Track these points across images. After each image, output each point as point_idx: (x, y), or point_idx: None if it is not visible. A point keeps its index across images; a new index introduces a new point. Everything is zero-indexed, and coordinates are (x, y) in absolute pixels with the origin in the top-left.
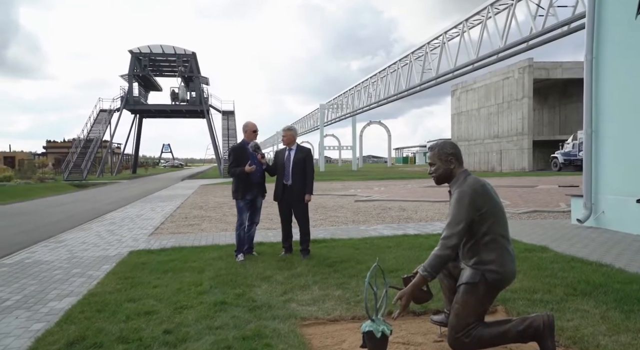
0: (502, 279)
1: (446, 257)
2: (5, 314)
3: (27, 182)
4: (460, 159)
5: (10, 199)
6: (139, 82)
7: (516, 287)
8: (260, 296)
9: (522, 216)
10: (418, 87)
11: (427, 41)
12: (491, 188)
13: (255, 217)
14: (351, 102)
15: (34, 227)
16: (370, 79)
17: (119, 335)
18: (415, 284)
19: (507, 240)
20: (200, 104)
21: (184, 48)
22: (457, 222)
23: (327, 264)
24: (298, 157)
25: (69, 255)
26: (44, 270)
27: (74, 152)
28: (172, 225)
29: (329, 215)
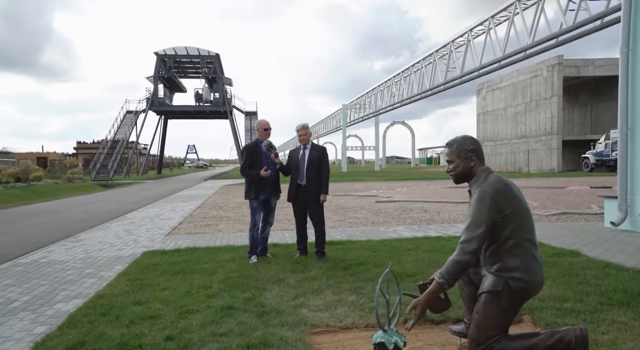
0: (528, 287)
1: (465, 262)
2: (11, 315)
3: (56, 182)
4: (481, 155)
5: (39, 198)
6: (164, 84)
7: (544, 295)
8: (270, 300)
9: (551, 218)
10: (442, 86)
11: (452, 39)
12: (515, 187)
13: (269, 218)
14: (374, 102)
15: (54, 226)
16: (393, 78)
17: (119, 341)
18: (430, 292)
19: (533, 245)
20: (224, 104)
21: (207, 50)
22: (477, 225)
23: (343, 266)
24: (313, 156)
25: (84, 255)
26: (57, 270)
27: (101, 153)
28: (190, 226)
29: (348, 216)
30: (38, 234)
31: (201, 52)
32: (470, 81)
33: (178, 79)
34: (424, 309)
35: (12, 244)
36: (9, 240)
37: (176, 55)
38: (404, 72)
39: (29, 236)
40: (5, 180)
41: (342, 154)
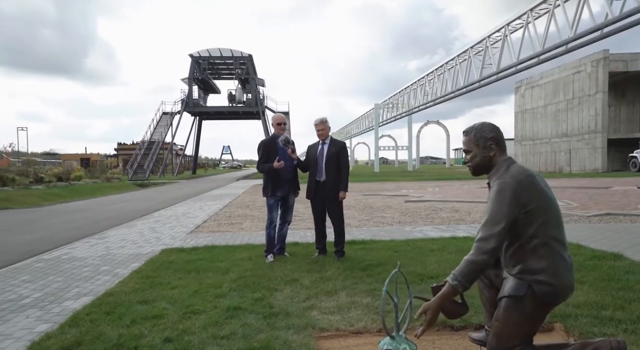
0: (555, 292)
1: (481, 263)
2: (18, 312)
3: (95, 181)
4: (502, 144)
5: (77, 196)
6: (198, 85)
7: (580, 300)
8: (280, 301)
9: (592, 219)
10: (477, 84)
11: (488, 35)
12: (541, 180)
13: (287, 216)
14: (407, 101)
15: (84, 224)
16: (426, 76)
17: (116, 342)
18: (443, 295)
19: (561, 244)
20: (256, 105)
21: (240, 51)
22: (495, 221)
23: (361, 267)
24: (332, 151)
25: (105, 252)
26: (75, 267)
27: (137, 154)
28: (214, 224)
29: (374, 215)
30: (66, 231)
31: (234, 53)
32: (508, 78)
33: (212, 81)
34: (436, 314)
35: (40, 241)
36: (38, 237)
37: (210, 56)
38: (438, 70)
39: (58, 233)
40: (49, 180)
41: (374, 154)
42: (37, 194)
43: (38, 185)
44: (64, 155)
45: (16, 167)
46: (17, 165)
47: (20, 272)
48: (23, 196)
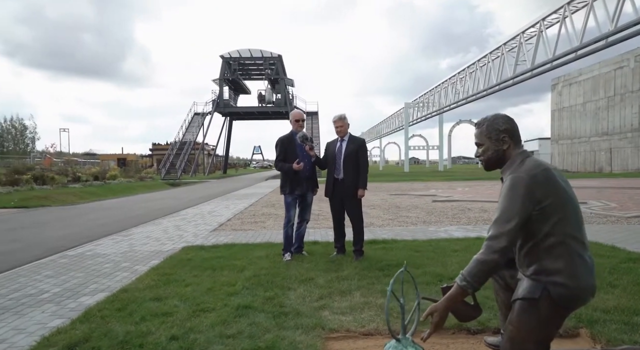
0: (573, 295)
1: (491, 263)
2: (36, 307)
3: (129, 180)
4: (516, 136)
5: (111, 195)
6: (229, 86)
7: (610, 305)
8: (292, 301)
9: (631, 220)
10: (511, 81)
11: (522, 30)
12: (559, 175)
13: (305, 214)
14: (437, 100)
15: (113, 221)
16: (458, 74)
17: (122, 339)
18: (451, 296)
19: (580, 244)
20: (285, 105)
21: (270, 51)
22: (507, 218)
23: (379, 267)
24: (350, 148)
25: (127, 249)
26: (97, 263)
27: (170, 154)
28: (237, 222)
29: (399, 215)
30: (95, 228)
31: (264, 53)
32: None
33: (242, 81)
34: (443, 316)
35: (68, 237)
36: (68, 233)
37: (240, 57)
38: (470, 68)
39: (87, 230)
40: (86, 179)
41: (404, 153)
42: (74, 193)
43: (75, 184)
44: (102, 155)
45: (58, 166)
46: (60, 165)
47: (45, 267)
48: (60, 194)
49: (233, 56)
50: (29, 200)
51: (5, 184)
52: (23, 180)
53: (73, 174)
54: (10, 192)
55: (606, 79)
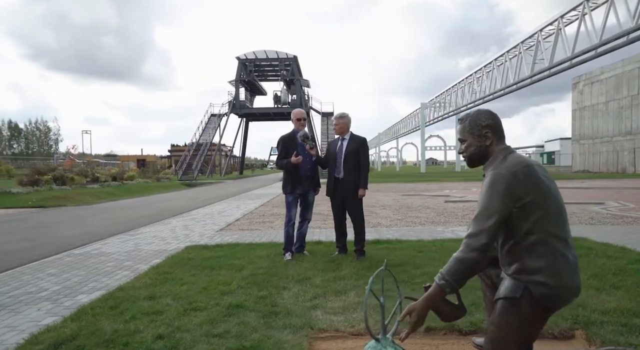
0: (555, 295)
1: (470, 261)
2: (32, 305)
3: (146, 181)
4: (500, 132)
5: (128, 195)
6: (245, 87)
7: (609, 306)
8: (284, 300)
9: None
10: (528, 80)
11: (540, 28)
12: (541, 171)
13: (307, 214)
14: (454, 100)
15: (124, 221)
16: (475, 74)
17: (109, 337)
18: (429, 296)
19: (563, 242)
20: (301, 106)
21: (286, 52)
22: (487, 215)
23: (379, 267)
24: (351, 147)
25: (133, 248)
26: (100, 262)
27: (187, 155)
28: (246, 222)
29: (409, 215)
30: (106, 227)
31: (279, 54)
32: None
33: (258, 82)
34: (421, 316)
35: (79, 236)
36: (78, 232)
37: (256, 58)
38: (486, 67)
39: (97, 229)
40: (104, 180)
41: (420, 154)
42: (91, 193)
43: (94, 185)
44: (123, 156)
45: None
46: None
47: (49, 265)
48: (78, 194)
49: (249, 57)
50: (47, 200)
51: (26, 184)
52: (43, 181)
53: (92, 175)
54: (31, 192)
55: (630, 77)
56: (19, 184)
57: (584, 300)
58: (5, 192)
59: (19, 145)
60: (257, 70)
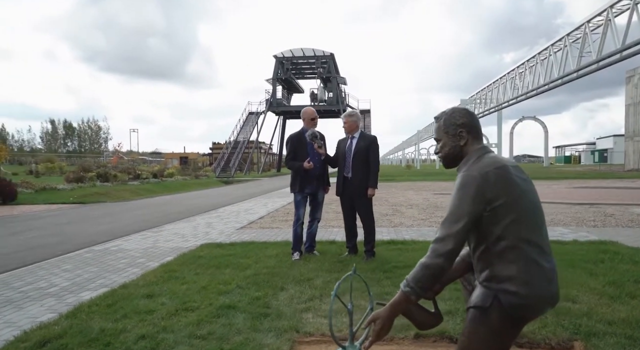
0: (526, 304)
1: (436, 268)
2: (38, 300)
3: (185, 178)
4: (475, 131)
5: (165, 192)
6: (282, 85)
7: (616, 316)
8: (279, 302)
9: None
10: (574, 74)
11: (587, 19)
12: (518, 173)
13: (316, 213)
14: (495, 96)
15: (153, 217)
16: (517, 68)
17: (94, 337)
18: (394, 303)
19: (537, 248)
20: (337, 103)
21: (322, 50)
22: (455, 219)
23: (385, 268)
24: (360, 145)
25: (150, 245)
26: (116, 258)
27: (225, 152)
28: (268, 220)
29: (435, 215)
30: (133, 224)
31: (316, 52)
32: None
33: (295, 80)
34: (386, 323)
35: (105, 232)
36: (107, 228)
37: (293, 56)
38: (529, 62)
39: (125, 225)
40: (145, 177)
41: None
42: (131, 189)
43: (134, 182)
44: (167, 154)
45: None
46: (129, 163)
47: (67, 261)
48: (118, 191)
49: (286, 55)
50: (88, 196)
51: (72, 180)
52: (87, 178)
53: (134, 172)
54: (75, 188)
55: None
56: (65, 181)
57: (592, 308)
58: (52, 188)
59: (72, 143)
60: (294, 68)
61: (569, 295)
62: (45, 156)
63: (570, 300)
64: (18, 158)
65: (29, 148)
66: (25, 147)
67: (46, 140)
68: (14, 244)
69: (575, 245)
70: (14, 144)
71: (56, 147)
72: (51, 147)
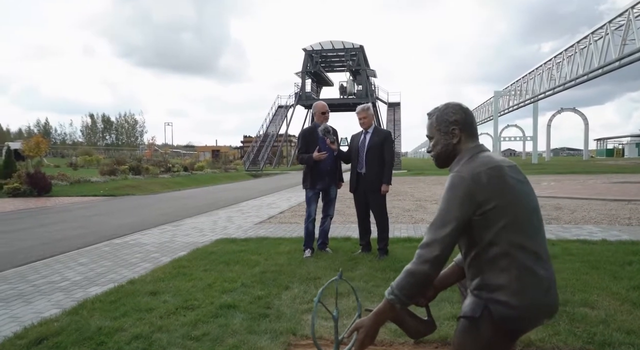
0: (518, 316)
1: (421, 275)
2: (47, 295)
3: (214, 171)
4: (469, 129)
5: (194, 185)
6: (312, 79)
7: (635, 326)
8: (281, 301)
9: None
10: (616, 63)
11: (631, 5)
12: (514, 174)
13: (329, 209)
14: (531, 87)
15: (176, 210)
16: (554, 58)
17: (90, 335)
18: (378, 311)
19: (532, 254)
20: (367, 96)
21: (352, 42)
22: (442, 223)
23: (396, 268)
24: (374, 141)
25: (167, 239)
26: (131, 252)
27: (254, 146)
28: (289, 215)
29: None
30: (156, 217)
31: (345, 45)
32: None
33: (325, 73)
34: (370, 332)
35: (128, 225)
36: (130, 221)
37: (322, 49)
38: (567, 51)
39: (148, 218)
40: (176, 170)
41: (492, 145)
42: (161, 182)
43: (165, 175)
44: (199, 147)
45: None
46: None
47: (85, 254)
48: (149, 184)
49: (315, 48)
50: (119, 189)
51: (105, 173)
52: (120, 171)
53: (165, 165)
54: (107, 181)
55: None
56: (100, 174)
57: (611, 315)
58: (85, 181)
59: (110, 136)
60: (323, 61)
61: (587, 300)
62: (84, 149)
63: (588, 306)
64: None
65: (70, 141)
66: (67, 140)
67: (86, 134)
68: (40, 235)
69: (604, 245)
70: (57, 137)
71: (95, 140)
72: (91, 140)
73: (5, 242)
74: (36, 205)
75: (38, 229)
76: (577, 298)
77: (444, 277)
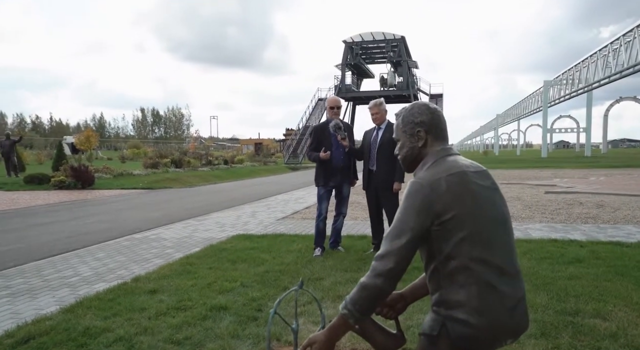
0: (476, 336)
1: (374, 289)
2: (54, 291)
3: (253, 164)
4: (436, 130)
5: (232, 178)
6: (352, 71)
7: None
8: (274, 304)
9: None
10: None
11: None
12: (480, 180)
13: (341, 208)
14: (584, 76)
15: (204, 204)
16: (610, 45)
17: (73, 337)
18: (332, 326)
19: (495, 269)
20: (408, 88)
21: (393, 33)
22: (397, 234)
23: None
24: (386, 137)
25: (187, 234)
26: (148, 248)
27: (293, 139)
28: (313, 210)
29: None
30: (184, 211)
31: (386, 36)
32: None
33: (365, 65)
34: (324, 348)
35: (153, 220)
36: (157, 216)
37: (362, 41)
38: (626, 36)
39: (174, 213)
40: (216, 163)
41: (542, 137)
42: (200, 175)
43: (205, 168)
44: (243, 140)
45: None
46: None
47: (104, 249)
48: (188, 177)
49: (355, 41)
50: (158, 182)
51: (148, 166)
52: (162, 163)
53: (206, 158)
54: (149, 174)
55: None
56: (143, 166)
57: (623, 328)
58: (128, 174)
59: (159, 130)
60: (363, 53)
61: (600, 310)
62: (133, 142)
63: (599, 317)
64: (114, 144)
65: (123, 135)
66: (120, 133)
67: (137, 127)
68: (69, 228)
69: (637, 248)
70: (110, 131)
71: (145, 133)
72: (141, 134)
73: (35, 235)
74: (78, 197)
75: (70, 222)
76: (589, 307)
77: (415, 287)
